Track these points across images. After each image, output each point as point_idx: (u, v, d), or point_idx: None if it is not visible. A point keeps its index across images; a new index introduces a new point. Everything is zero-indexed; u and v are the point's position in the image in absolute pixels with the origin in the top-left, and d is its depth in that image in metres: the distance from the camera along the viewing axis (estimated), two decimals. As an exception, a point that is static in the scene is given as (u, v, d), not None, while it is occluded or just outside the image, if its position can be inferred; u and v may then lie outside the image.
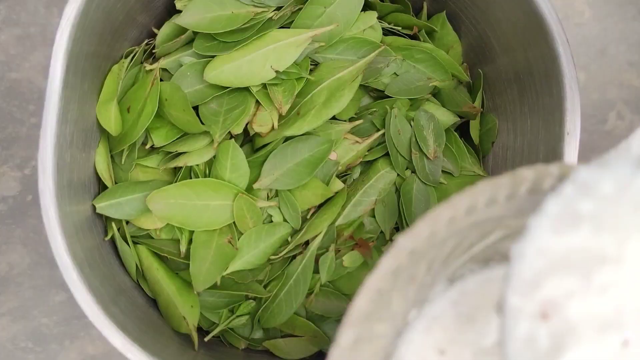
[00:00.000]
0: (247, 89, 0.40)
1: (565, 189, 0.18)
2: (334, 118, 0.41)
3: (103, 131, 0.39)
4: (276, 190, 0.41)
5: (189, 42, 0.41)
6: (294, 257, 0.41)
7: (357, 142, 0.42)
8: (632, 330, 0.17)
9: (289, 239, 0.41)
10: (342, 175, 0.43)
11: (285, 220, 0.41)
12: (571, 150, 0.35)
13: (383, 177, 0.42)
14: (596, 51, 0.54)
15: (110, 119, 0.38)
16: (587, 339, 0.17)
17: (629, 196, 0.17)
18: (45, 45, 0.51)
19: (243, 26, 0.39)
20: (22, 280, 0.50)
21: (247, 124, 0.40)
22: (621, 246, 0.17)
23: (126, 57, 0.41)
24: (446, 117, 0.44)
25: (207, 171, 0.40)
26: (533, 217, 0.18)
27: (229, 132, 0.40)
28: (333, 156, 0.41)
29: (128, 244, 0.39)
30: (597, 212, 0.17)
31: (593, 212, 0.17)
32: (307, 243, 0.41)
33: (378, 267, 0.21)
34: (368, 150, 0.42)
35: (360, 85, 0.42)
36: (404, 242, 0.21)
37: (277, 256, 0.40)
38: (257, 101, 0.40)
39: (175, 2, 0.41)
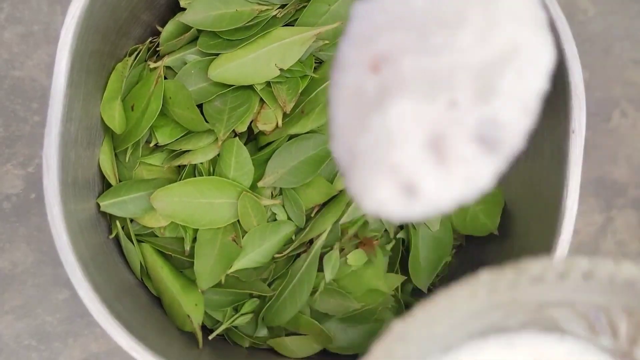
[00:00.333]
0: (251, 87, 0.40)
1: None
2: (338, 116, 0.41)
3: (107, 129, 0.39)
4: (280, 189, 0.41)
5: (193, 40, 0.41)
6: (298, 255, 0.41)
7: (361, 140, 0.42)
8: (461, 93, 0.17)
9: (293, 237, 0.41)
10: (346, 174, 0.43)
11: (289, 218, 0.41)
12: (576, 149, 0.35)
13: (387, 176, 0.41)
14: (600, 49, 0.54)
15: (115, 117, 0.38)
16: (415, 92, 0.17)
17: None
18: (48, 43, 0.51)
19: (247, 24, 0.39)
20: (26, 278, 0.50)
21: (251, 122, 0.40)
22: (461, 14, 0.17)
23: (130, 55, 0.41)
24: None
25: (211, 169, 0.40)
26: None
27: (233, 130, 0.39)
28: (337, 154, 0.41)
29: (132, 242, 0.39)
30: None
31: None
32: (311, 241, 0.41)
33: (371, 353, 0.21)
34: (372, 149, 0.42)
35: (365, 83, 0.41)
36: (398, 328, 0.20)
37: (282, 254, 0.40)
38: (261, 99, 0.40)
39: (179, -1, 0.41)
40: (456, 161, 0.17)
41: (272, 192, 0.41)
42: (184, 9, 0.41)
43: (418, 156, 0.17)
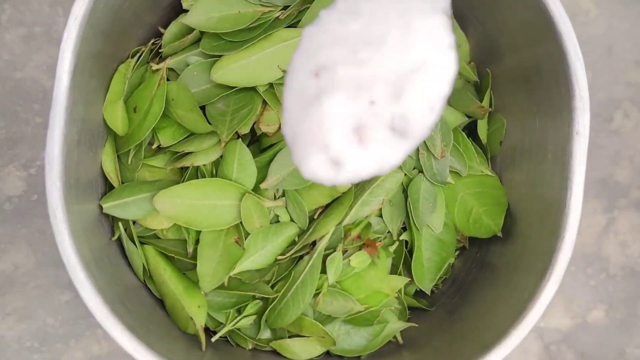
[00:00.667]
0: (254, 89, 0.40)
1: None
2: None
3: (110, 131, 0.39)
4: (283, 190, 0.41)
5: (196, 42, 0.41)
6: (301, 257, 0.41)
7: (364, 141, 0.42)
8: (379, 94, 0.23)
9: (296, 239, 0.41)
10: (349, 175, 0.43)
11: (292, 220, 0.41)
12: (580, 150, 0.35)
13: (390, 177, 0.41)
14: (602, 50, 0.54)
15: (117, 119, 0.38)
16: (345, 93, 0.23)
17: (400, 4, 0.24)
18: (50, 45, 0.51)
19: (250, 26, 0.39)
20: (28, 280, 0.50)
21: (254, 124, 0.40)
22: (383, 36, 0.23)
23: (133, 57, 0.41)
24: (454, 117, 0.43)
25: (214, 171, 0.40)
26: (324, 10, 0.25)
27: (236, 132, 0.39)
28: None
29: (135, 244, 0.39)
30: (374, 10, 0.24)
31: (371, 10, 0.24)
32: (314, 243, 0.41)
33: None
34: (375, 150, 0.42)
35: (367, 84, 0.41)
36: None
37: (284, 256, 0.40)
38: (264, 101, 0.40)
39: (182, 1, 0.41)
40: (373, 144, 0.23)
41: (274, 194, 0.41)
42: (186, 11, 0.40)
43: (344, 139, 0.23)
